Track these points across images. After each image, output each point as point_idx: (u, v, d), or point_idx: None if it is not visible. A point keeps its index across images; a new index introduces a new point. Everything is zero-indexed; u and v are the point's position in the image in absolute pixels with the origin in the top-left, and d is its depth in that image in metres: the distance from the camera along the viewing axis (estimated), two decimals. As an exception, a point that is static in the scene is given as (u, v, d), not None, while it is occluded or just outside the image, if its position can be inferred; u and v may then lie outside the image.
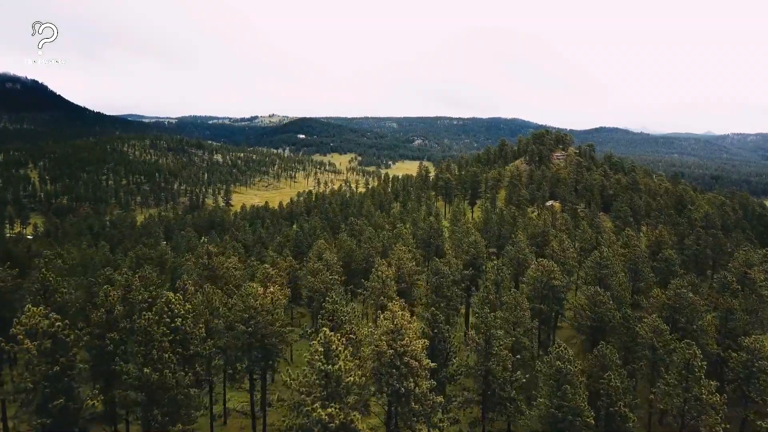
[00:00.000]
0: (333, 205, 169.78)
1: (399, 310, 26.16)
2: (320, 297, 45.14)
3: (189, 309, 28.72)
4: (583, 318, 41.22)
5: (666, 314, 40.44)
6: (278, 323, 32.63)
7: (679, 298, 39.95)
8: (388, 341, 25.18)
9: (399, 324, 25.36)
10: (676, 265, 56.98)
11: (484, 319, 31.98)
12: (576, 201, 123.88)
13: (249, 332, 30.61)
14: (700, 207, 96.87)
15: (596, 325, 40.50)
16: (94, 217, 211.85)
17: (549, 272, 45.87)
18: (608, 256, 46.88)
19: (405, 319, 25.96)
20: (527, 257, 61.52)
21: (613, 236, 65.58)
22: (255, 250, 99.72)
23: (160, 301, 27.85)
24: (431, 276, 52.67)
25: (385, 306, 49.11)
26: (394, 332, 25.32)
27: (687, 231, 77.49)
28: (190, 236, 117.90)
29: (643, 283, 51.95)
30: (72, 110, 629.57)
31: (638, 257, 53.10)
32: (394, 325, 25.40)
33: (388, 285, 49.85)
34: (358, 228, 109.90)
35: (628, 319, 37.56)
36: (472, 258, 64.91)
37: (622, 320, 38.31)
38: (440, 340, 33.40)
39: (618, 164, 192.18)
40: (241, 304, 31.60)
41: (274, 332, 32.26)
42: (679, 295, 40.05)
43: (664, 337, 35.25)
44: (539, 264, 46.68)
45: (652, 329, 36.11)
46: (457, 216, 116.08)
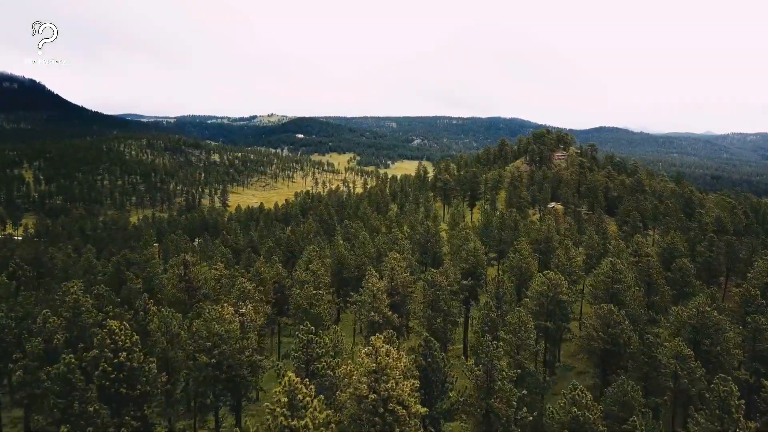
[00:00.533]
0: (329, 206, 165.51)
1: (382, 346, 21.89)
2: (302, 315, 40.95)
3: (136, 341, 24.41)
4: (594, 340, 36.99)
5: (687, 335, 36.27)
6: (248, 352, 28.39)
7: (702, 317, 35.76)
8: (369, 383, 20.96)
9: (383, 363, 21.11)
10: (691, 275, 52.72)
11: (485, 348, 27.77)
12: (579, 203, 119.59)
13: (212, 363, 26.40)
14: (710, 210, 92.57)
15: (610, 348, 36.31)
16: (86, 218, 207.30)
17: (555, 286, 41.65)
18: (621, 269, 42.64)
19: (390, 355, 21.70)
20: (530, 266, 57.27)
21: (622, 243, 61.34)
22: (244, 255, 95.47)
23: (102, 332, 23.59)
24: (427, 288, 48.46)
25: (375, 323, 45.04)
26: (377, 372, 21.08)
27: (699, 236, 73.25)
28: (179, 239, 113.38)
29: (658, 296, 47.63)
30: (70, 110, 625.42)
31: (652, 268, 48.81)
32: (377, 364, 21.14)
33: (379, 299, 45.66)
34: (353, 231, 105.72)
35: (648, 344, 33.22)
36: (471, 266, 60.62)
37: (641, 345, 34.03)
38: (434, 370, 29.17)
39: (620, 165, 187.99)
40: (204, 330, 27.35)
41: (243, 362, 28.03)
42: (702, 314, 35.85)
43: (688, 364, 31.06)
44: (545, 277, 42.42)
45: (674, 354, 31.91)
46: (456, 219, 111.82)
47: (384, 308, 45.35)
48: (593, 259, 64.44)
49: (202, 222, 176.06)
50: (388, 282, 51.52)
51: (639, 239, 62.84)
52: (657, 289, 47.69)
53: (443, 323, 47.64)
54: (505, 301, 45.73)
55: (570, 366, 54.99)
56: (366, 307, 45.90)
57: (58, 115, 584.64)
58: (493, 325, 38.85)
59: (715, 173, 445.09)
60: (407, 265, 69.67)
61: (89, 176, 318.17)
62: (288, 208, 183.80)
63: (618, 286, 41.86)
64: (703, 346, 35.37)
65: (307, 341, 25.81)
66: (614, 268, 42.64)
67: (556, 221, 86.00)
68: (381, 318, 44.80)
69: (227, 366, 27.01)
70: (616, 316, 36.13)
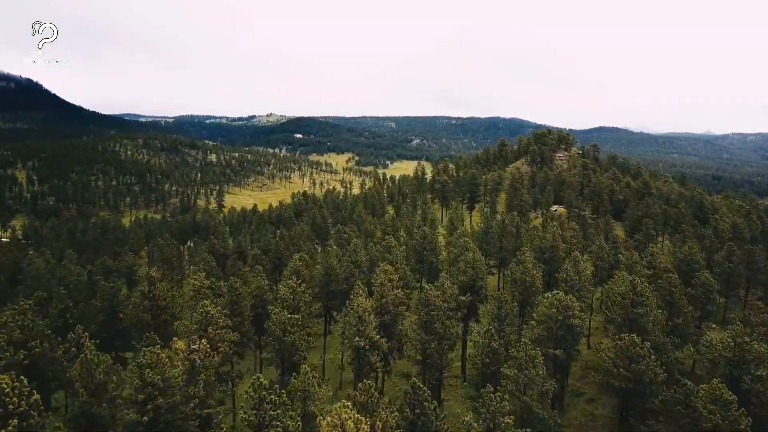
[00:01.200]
0: (323, 209, 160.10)
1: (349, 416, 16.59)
2: (274, 344, 35.54)
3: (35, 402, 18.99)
4: (614, 376, 31.63)
5: (722, 369, 30.97)
6: (193, 403, 22.99)
7: (741, 349, 30.45)
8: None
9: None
10: (714, 291, 47.21)
11: (486, 404, 22.44)
12: (583, 206, 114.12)
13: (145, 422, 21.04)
14: (725, 215, 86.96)
15: (632, 387, 30.97)
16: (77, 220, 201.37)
17: (566, 308, 36.25)
18: (643, 290, 37.01)
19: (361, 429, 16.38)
20: (535, 280, 51.88)
21: (635, 254, 55.90)
22: (230, 262, 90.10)
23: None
24: (421, 308, 43.07)
25: (360, 348, 39.69)
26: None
27: (715, 244, 67.79)
28: (164, 244, 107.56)
29: (680, 318, 42.15)
30: (68, 110, 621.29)
31: (673, 285, 43.19)
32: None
33: (365, 321, 40.26)
34: (345, 237, 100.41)
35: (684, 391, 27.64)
36: (470, 279, 55.19)
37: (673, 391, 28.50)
38: (424, 423, 23.79)
39: (623, 166, 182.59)
40: (137, 379, 21.97)
41: (189, 415, 22.67)
42: (741, 346, 30.53)
43: (730, 412, 25.70)
44: (554, 298, 37.00)
45: (711, 398, 26.54)
46: (455, 222, 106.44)
47: (371, 331, 39.97)
48: (603, 271, 59.04)
49: (193, 225, 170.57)
50: (378, 300, 46.12)
51: (654, 249, 57.41)
52: (680, 309, 42.17)
53: (438, 347, 42.26)
54: (508, 323, 40.32)
55: (579, 391, 49.60)
56: (351, 330, 40.53)
57: (56, 115, 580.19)
58: (495, 357, 33.49)
59: (716, 174, 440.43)
60: (400, 276, 64.33)
61: (83, 176, 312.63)
62: (281, 211, 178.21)
63: (639, 311, 36.33)
64: (742, 384, 30.02)
65: (259, 399, 20.38)
66: (635, 289, 37.10)
67: (561, 227, 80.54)
68: (367, 343, 39.46)
69: (165, 423, 21.69)
70: (639, 349, 30.75)
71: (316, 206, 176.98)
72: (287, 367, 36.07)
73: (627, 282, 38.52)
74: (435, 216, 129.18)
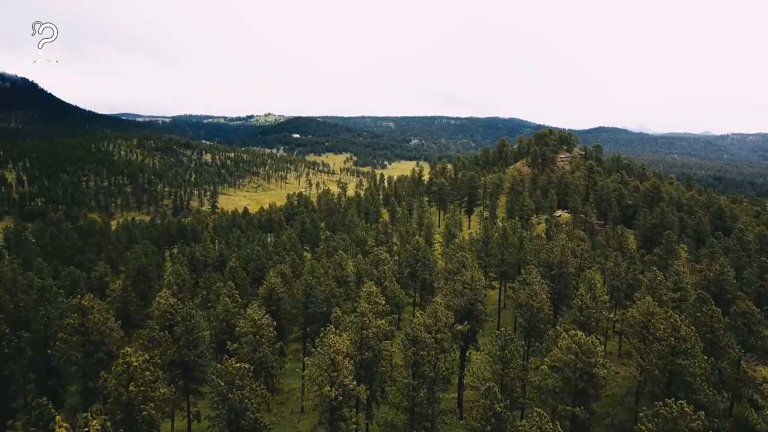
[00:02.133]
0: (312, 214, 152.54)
1: None
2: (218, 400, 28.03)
3: None
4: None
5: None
6: None
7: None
8: None
9: None
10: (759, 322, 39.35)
11: None
12: (588, 212, 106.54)
13: None
14: (749, 224, 79.31)
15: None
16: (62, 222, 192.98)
17: (588, 354, 28.81)
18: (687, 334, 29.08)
19: None
20: (543, 305, 44.44)
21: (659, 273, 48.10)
22: (206, 274, 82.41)
23: None
24: (408, 346, 35.58)
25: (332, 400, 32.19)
26: None
27: (743, 258, 60.31)
28: (140, 253, 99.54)
29: (725, 361, 34.41)
30: (64, 109, 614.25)
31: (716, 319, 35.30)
32: None
33: (339, 365, 32.71)
34: (334, 245, 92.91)
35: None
36: (468, 302, 47.78)
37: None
38: None
39: (628, 167, 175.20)
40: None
41: None
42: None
43: None
44: (571, 340, 29.50)
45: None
46: (452, 230, 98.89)
47: (345, 377, 32.42)
48: (619, 291, 51.57)
49: (179, 229, 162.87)
50: (358, 332, 38.57)
51: (678, 268, 49.84)
52: (723, 349, 34.43)
53: (429, 394, 34.75)
54: (513, 366, 32.84)
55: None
56: (322, 375, 33.00)
57: (51, 114, 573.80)
58: (499, 421, 26.04)
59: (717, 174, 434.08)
60: (388, 296, 56.88)
61: (74, 177, 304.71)
62: (272, 214, 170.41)
63: (683, 362, 28.50)
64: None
65: None
66: (676, 333, 29.21)
67: (568, 236, 72.99)
68: (341, 393, 31.95)
69: None
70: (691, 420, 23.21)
71: (308, 210, 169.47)
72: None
73: (667, 321, 30.64)
74: (432, 221, 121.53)
